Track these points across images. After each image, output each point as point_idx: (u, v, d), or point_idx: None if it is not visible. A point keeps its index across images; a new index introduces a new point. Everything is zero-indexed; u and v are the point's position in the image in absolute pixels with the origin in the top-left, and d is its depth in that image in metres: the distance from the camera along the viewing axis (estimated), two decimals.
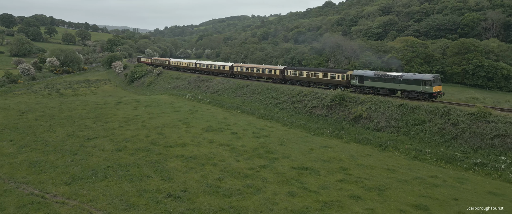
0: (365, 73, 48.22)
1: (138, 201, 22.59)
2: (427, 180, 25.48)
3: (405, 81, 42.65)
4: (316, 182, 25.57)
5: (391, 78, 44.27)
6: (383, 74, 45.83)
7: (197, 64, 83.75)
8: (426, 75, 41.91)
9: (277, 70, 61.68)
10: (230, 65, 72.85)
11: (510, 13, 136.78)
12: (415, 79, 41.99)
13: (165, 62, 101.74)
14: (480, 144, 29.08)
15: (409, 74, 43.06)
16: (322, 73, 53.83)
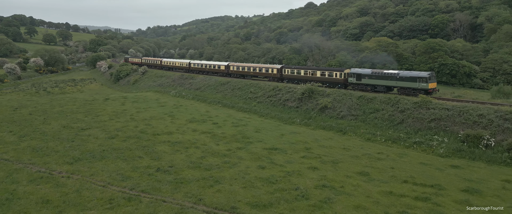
0: (363, 71, 48.92)
1: (132, 174, 26.99)
2: (373, 155, 30.82)
3: (402, 78, 43.57)
4: (283, 158, 30.51)
5: (388, 76, 45.29)
6: (380, 72, 46.75)
7: (191, 64, 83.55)
8: (422, 73, 43.14)
9: (275, 69, 62.15)
10: (226, 65, 72.99)
11: (477, 15, 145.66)
12: (411, 76, 43.00)
13: (156, 62, 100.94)
14: (420, 126, 34.76)
15: (405, 72, 44.43)
16: (320, 72, 54.57)
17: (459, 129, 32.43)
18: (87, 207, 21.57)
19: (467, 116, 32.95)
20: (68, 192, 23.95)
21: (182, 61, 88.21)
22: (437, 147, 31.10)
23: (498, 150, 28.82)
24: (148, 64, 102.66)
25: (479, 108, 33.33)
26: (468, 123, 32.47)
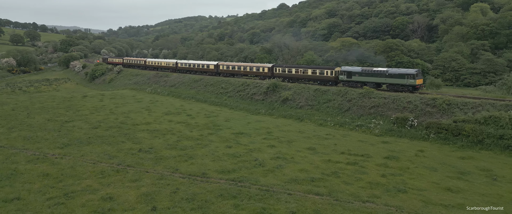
0: (353, 69, 50.37)
1: (118, 154, 31.69)
2: (322, 136, 36.97)
3: (391, 75, 45.49)
4: (247, 140, 36.06)
5: (378, 73, 47.03)
6: (370, 70, 48.60)
7: (178, 63, 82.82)
8: (410, 70, 45.28)
9: (266, 68, 63.01)
10: (215, 64, 73.08)
11: (433, 17, 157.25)
12: (400, 73, 44.97)
13: (140, 63, 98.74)
14: (363, 112, 41.39)
15: (394, 70, 46.31)
16: (311, 70, 55.77)
17: (392, 113, 39.23)
18: (82, 178, 26.21)
19: (399, 103, 39.87)
20: (63, 168, 28.41)
21: (169, 61, 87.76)
22: (374, 128, 37.70)
23: (419, 128, 35.71)
24: (131, 65, 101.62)
25: (409, 96, 40.36)
26: (399, 108, 39.37)
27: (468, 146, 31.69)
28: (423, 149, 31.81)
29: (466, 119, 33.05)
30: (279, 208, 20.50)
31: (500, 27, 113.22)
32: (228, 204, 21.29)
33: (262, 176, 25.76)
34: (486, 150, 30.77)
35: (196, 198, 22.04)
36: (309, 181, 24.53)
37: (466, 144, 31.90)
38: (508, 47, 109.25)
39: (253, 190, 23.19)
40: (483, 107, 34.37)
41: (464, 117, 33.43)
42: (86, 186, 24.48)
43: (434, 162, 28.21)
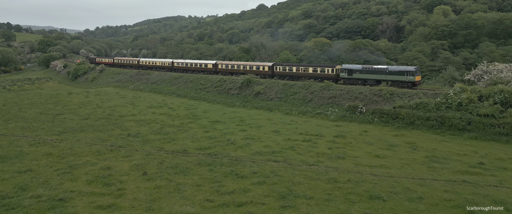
0: (353, 67, 51.82)
1: (109, 138, 36.74)
2: (287, 122, 43.12)
3: (391, 72, 47.28)
4: (222, 127, 41.73)
5: (378, 71, 48.61)
6: (370, 67, 49.97)
7: (175, 63, 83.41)
8: (409, 67, 46.94)
9: (266, 66, 64.02)
10: (214, 63, 73.71)
11: (401, 18, 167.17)
12: (400, 70, 46.76)
13: (132, 62, 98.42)
14: (322, 102, 47.93)
15: (394, 67, 48.25)
16: (312, 68, 57.11)
17: (346, 103, 45.85)
18: (81, 155, 31.22)
19: (352, 94, 46.59)
20: (63, 148, 33.29)
21: (164, 61, 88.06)
22: (330, 115, 44.19)
23: (366, 114, 42.43)
24: (123, 65, 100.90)
25: (360, 88, 47.18)
26: (352, 98, 46.07)
27: (403, 127, 38.57)
28: (367, 130, 38.43)
29: (402, 105, 39.97)
30: (244, 170, 26.34)
31: (458, 28, 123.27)
32: (204, 169, 26.96)
33: (233, 151, 31.55)
34: (416, 129, 37.70)
35: (178, 166, 27.59)
36: (270, 153, 30.51)
37: (401, 125, 38.78)
38: (465, 47, 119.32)
39: (225, 160, 28.95)
40: (417, 96, 41.43)
41: (401, 103, 40.36)
42: (86, 161, 29.56)
43: (373, 139, 34.80)
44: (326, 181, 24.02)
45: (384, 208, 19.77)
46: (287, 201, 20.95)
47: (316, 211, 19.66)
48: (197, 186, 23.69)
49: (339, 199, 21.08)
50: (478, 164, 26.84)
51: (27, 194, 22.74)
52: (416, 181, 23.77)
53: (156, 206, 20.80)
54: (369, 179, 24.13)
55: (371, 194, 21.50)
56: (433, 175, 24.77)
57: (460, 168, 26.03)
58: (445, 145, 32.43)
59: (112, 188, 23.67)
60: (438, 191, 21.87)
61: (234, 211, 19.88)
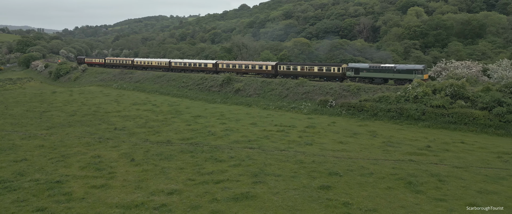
0: (360, 65, 51.93)
1: (97, 132, 39.27)
2: (264, 116, 46.59)
3: (399, 71, 47.35)
4: (204, 120, 44.81)
5: (386, 69, 48.61)
6: (378, 66, 50.10)
7: (172, 62, 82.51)
8: (417, 65, 47.07)
9: (269, 65, 63.54)
10: (214, 63, 73.08)
11: (377, 19, 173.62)
12: (408, 69, 46.88)
13: (126, 63, 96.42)
14: (297, 97, 51.68)
15: (402, 65, 48.44)
16: (317, 67, 56.88)
17: (318, 97, 49.75)
18: (72, 146, 33.75)
19: (324, 89, 50.57)
20: (54, 141, 35.69)
21: (161, 60, 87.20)
22: (303, 109, 48.00)
23: (336, 107, 46.42)
24: (115, 65, 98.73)
25: (331, 84, 51.25)
26: (323, 93, 50.04)
27: (367, 118, 42.67)
28: (336, 121, 42.32)
29: (367, 98, 44.09)
30: (223, 156, 29.60)
31: (429, 29, 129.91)
32: (187, 155, 30.07)
33: (213, 141, 34.75)
34: (379, 120, 41.86)
35: (163, 153, 30.59)
36: (247, 142, 33.87)
37: (366, 116, 42.88)
38: (435, 46, 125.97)
39: (205, 148, 32.13)
40: (381, 90, 45.69)
41: (366, 97, 44.49)
42: (77, 151, 32.17)
43: (339, 129, 38.67)
44: (293, 162, 27.56)
45: (340, 181, 23.43)
46: (258, 178, 24.34)
47: (282, 185, 23.13)
48: (180, 169, 26.79)
49: (303, 176, 24.63)
50: (425, 147, 30.98)
51: (26, 179, 25.32)
52: (370, 161, 27.61)
53: (144, 185, 23.81)
54: (331, 160, 27.82)
55: (331, 171, 25.14)
56: (386, 156, 28.69)
57: (409, 151, 30.09)
58: (401, 132, 36.59)
59: (103, 172, 26.50)
60: (387, 168, 25.74)
61: (213, 187, 23.12)
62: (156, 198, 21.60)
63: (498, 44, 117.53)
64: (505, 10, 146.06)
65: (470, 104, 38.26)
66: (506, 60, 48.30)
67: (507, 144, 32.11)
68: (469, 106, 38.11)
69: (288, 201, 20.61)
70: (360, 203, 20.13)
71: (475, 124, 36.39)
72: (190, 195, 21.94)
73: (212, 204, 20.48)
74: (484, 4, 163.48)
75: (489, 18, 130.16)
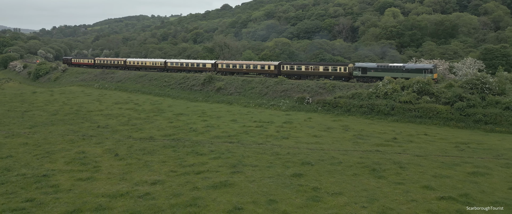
0: (368, 65, 51.34)
1: (80, 130, 40.18)
2: (244, 113, 48.42)
3: (408, 70, 46.82)
4: (186, 118, 46.24)
5: (394, 69, 48.12)
6: (386, 66, 49.80)
7: (168, 63, 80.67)
8: (426, 65, 46.47)
9: (272, 65, 62.75)
10: (213, 63, 71.73)
11: (356, 19, 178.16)
12: (417, 68, 46.35)
13: (118, 63, 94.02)
14: (276, 95, 53.82)
15: (411, 65, 47.89)
16: (323, 67, 56.39)
17: (295, 95, 52.01)
18: (56, 144, 34.66)
19: (301, 87, 52.90)
20: (37, 139, 36.46)
21: (156, 61, 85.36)
22: (282, 106, 50.15)
23: (312, 104, 48.78)
24: (106, 65, 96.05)
25: (308, 82, 53.65)
26: (301, 91, 52.35)
27: (341, 114, 45.19)
28: (312, 117, 44.60)
29: (341, 95, 46.62)
30: (203, 150, 31.26)
31: (404, 29, 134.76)
32: (169, 150, 31.58)
33: (194, 136, 36.33)
34: (352, 115, 44.40)
35: (146, 149, 31.99)
36: (227, 137, 35.62)
37: (340, 112, 45.39)
38: (410, 46, 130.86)
39: (187, 143, 33.69)
40: (354, 88, 48.33)
41: (341, 94, 47.02)
42: (61, 148, 33.15)
43: (315, 124, 40.92)
44: (270, 154, 29.49)
45: (311, 170, 25.50)
46: (236, 168, 26.15)
47: (258, 174, 25.01)
48: (162, 162, 28.31)
49: (278, 166, 26.59)
50: (392, 139, 33.51)
51: (13, 173, 26.29)
52: (340, 152, 29.86)
53: (128, 177, 25.23)
54: (304, 152, 29.91)
55: (303, 161, 27.20)
56: (355, 148, 31.02)
57: (377, 142, 32.53)
58: (371, 126, 39.13)
59: (88, 166, 27.73)
60: (355, 158, 28.01)
61: (194, 177, 24.78)
62: (140, 188, 23.08)
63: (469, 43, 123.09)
64: (476, 11, 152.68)
65: (435, 99, 41.23)
66: (470, 58, 51.74)
67: (465, 135, 35.06)
68: (433, 101, 41.07)
69: (263, 188, 22.49)
70: (327, 187, 22.22)
71: (438, 117, 39.34)
72: (172, 184, 23.53)
73: (192, 192, 22.14)
74: (457, 5, 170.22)
75: (461, 19, 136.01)
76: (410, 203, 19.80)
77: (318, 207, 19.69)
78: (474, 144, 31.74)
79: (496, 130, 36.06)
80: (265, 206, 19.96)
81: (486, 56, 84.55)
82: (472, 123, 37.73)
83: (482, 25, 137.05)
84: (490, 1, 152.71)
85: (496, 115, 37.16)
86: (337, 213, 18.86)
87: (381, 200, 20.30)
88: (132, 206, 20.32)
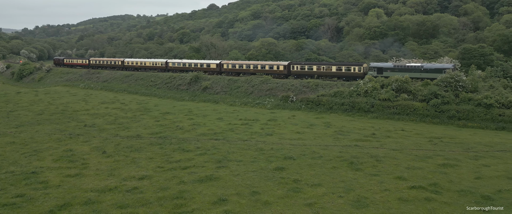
0: (384, 65, 49.91)
1: (67, 129, 40.54)
2: (230, 112, 49.45)
3: (427, 70, 45.65)
4: (172, 117, 47.00)
5: (412, 69, 46.78)
6: (403, 65, 48.30)
7: (169, 63, 77.83)
8: (446, 64, 45.33)
9: (281, 65, 61.02)
10: (218, 63, 69.64)
11: (341, 20, 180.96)
12: (437, 68, 45.17)
13: (115, 63, 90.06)
14: (262, 94, 55.17)
15: (429, 64, 46.71)
16: (336, 67, 54.74)
17: (280, 93, 53.36)
18: (43, 142, 35.05)
19: (286, 86, 54.29)
20: (24, 138, 36.73)
21: (156, 61, 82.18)
22: (267, 104, 51.46)
23: (296, 102, 50.23)
24: (102, 66, 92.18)
25: (293, 81, 55.11)
26: (285, 89, 53.75)
27: (324, 111, 46.74)
28: (296, 114, 46.00)
29: (324, 93, 48.19)
30: (190, 146, 32.21)
31: (387, 29, 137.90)
32: (156, 147, 32.42)
33: (181, 134, 37.21)
34: (334, 113, 46.00)
35: (133, 146, 32.74)
36: (213, 134, 36.63)
37: (322, 110, 46.94)
38: (393, 45, 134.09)
39: (173, 140, 34.57)
40: (336, 86, 49.98)
41: (323, 92, 48.60)
42: (49, 146, 33.60)
43: (298, 121, 42.30)
44: (254, 150, 30.67)
45: (293, 164, 26.78)
46: (222, 163, 27.22)
47: (243, 168, 26.15)
48: (150, 159, 29.17)
49: (262, 160, 27.78)
50: (371, 135, 35.12)
51: (1, 171, 26.78)
52: (321, 147, 31.25)
53: (116, 173, 26.03)
54: (287, 147, 31.19)
55: (286, 156, 28.47)
56: (335, 143, 32.48)
57: (356, 138, 34.08)
58: (352, 123, 40.75)
59: (76, 163, 28.38)
60: (335, 152, 29.43)
61: (180, 172, 25.75)
62: (128, 183, 23.94)
63: (449, 43, 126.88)
64: (456, 12, 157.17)
65: (412, 97, 43.17)
66: (447, 58, 53.98)
67: (440, 130, 36.97)
68: (411, 99, 43.00)
69: (247, 181, 23.64)
70: (307, 179, 23.52)
71: (415, 114, 41.25)
72: (159, 179, 24.46)
73: (179, 186, 23.12)
74: (438, 6, 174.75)
75: (441, 19, 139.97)
76: (383, 192, 21.25)
77: (298, 197, 20.94)
78: (447, 138, 33.60)
79: (468, 125, 38.12)
80: (248, 197, 21.10)
81: (464, 56, 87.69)
82: (446, 118, 39.73)
83: (462, 26, 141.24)
84: (470, 2, 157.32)
85: (468, 111, 39.24)
86: (315, 202, 20.14)
87: (357, 190, 21.70)
88: (120, 200, 21.18)
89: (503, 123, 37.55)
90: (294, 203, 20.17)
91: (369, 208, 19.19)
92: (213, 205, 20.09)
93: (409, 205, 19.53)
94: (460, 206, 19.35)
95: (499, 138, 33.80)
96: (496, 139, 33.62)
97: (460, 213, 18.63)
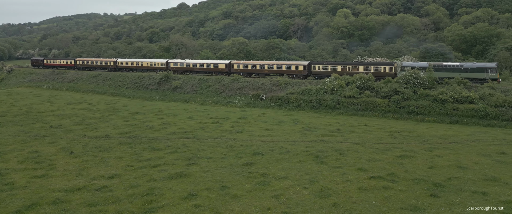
0: (417, 64, 46.77)
1: (32, 130, 39.41)
2: (200, 111, 49.81)
3: (467, 70, 43.28)
4: (142, 117, 46.73)
5: (451, 68, 44.11)
6: (440, 65, 45.25)
7: (170, 63, 72.12)
8: (489, 63, 43.11)
9: (300, 65, 57.22)
10: (227, 63, 64.93)
11: (310, 20, 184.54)
12: (478, 67, 42.77)
13: (108, 64, 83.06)
14: (232, 93, 55.84)
15: (470, 63, 44.31)
16: (363, 67, 51.63)
17: (250, 92, 54.34)
18: (7, 144, 34.00)
19: (256, 85, 55.37)
20: None
21: (156, 61, 75.89)
22: (238, 103, 52.28)
23: (266, 100, 51.43)
24: (89, 67, 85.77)
25: (262, 80, 56.27)
26: (255, 88, 54.81)
27: (292, 109, 48.19)
28: (265, 112, 47.12)
29: (293, 92, 49.68)
30: (160, 145, 32.42)
31: (354, 29, 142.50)
32: (125, 147, 32.39)
33: (151, 133, 37.27)
34: (302, 110, 47.54)
35: (102, 146, 32.53)
36: (183, 133, 36.97)
37: (291, 107, 48.39)
38: (360, 45, 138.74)
39: (143, 140, 34.63)
40: (304, 84, 51.62)
41: (292, 90, 50.08)
42: (13, 148, 32.73)
43: (268, 118, 43.41)
44: (224, 147, 31.39)
45: (262, 159, 27.75)
46: (192, 161, 27.76)
47: (213, 165, 26.82)
48: (119, 158, 29.20)
49: (231, 157, 28.56)
50: (336, 130, 36.77)
51: None
52: (289, 142, 32.46)
53: (85, 173, 25.94)
54: (256, 144, 32.15)
55: (255, 152, 29.41)
56: (302, 138, 33.80)
57: (322, 133, 35.60)
58: (319, 119, 42.36)
59: (43, 164, 27.95)
60: (302, 147, 30.71)
61: (150, 170, 26.05)
62: (97, 182, 24.00)
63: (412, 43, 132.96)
64: (419, 12, 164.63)
65: (375, 94, 45.44)
66: (407, 56, 56.97)
67: (400, 124, 39.28)
68: (374, 96, 45.25)
69: (217, 176, 24.35)
70: (275, 173, 24.57)
71: (377, 110, 43.50)
72: (129, 177, 24.68)
73: (149, 183, 23.48)
74: (402, 7, 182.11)
75: (405, 20, 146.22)
76: (345, 183, 22.65)
77: (266, 190, 21.92)
78: (406, 132, 35.82)
79: (426, 120, 40.72)
80: (217, 191, 21.84)
81: (425, 55, 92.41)
82: (406, 113, 42.21)
83: (423, 26, 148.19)
84: (431, 4, 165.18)
85: (425, 107, 41.91)
86: (281, 194, 21.19)
87: (321, 181, 22.97)
88: (90, 198, 21.30)
89: (457, 117, 40.40)
90: (262, 195, 21.11)
91: (331, 197, 20.47)
92: (183, 200, 20.67)
93: (368, 193, 20.99)
94: (413, 192, 21.04)
95: (452, 131, 36.41)
96: (450, 131, 36.20)
97: (414, 199, 20.26)
